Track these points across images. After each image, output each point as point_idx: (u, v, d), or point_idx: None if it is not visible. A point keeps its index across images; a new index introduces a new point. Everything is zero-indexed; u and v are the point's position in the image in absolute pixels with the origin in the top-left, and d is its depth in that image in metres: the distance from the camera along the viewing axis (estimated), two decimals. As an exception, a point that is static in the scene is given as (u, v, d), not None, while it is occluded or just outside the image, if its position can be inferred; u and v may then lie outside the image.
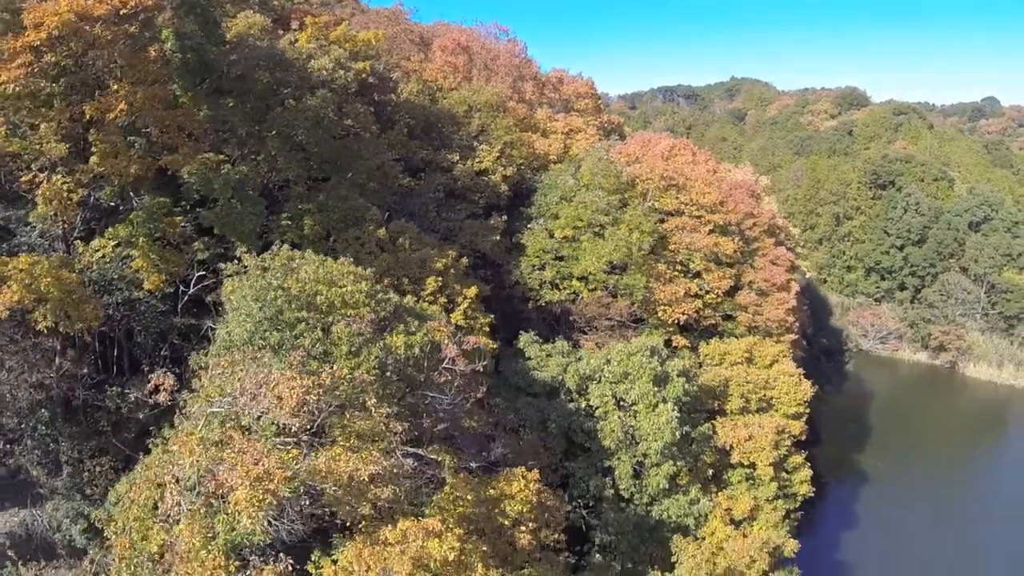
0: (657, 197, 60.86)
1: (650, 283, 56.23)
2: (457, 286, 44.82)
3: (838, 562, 63.93)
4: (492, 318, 46.48)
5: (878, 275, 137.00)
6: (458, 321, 41.90)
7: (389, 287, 36.17)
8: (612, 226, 56.13)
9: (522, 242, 57.95)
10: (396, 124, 55.83)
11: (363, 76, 51.54)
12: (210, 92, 41.49)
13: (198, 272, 38.88)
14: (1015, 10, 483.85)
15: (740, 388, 52.91)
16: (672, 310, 57.00)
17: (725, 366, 55.43)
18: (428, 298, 41.66)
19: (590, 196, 56.79)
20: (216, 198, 37.53)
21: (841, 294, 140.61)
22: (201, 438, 21.67)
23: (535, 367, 46.86)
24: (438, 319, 35.24)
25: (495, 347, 45.03)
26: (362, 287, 30.18)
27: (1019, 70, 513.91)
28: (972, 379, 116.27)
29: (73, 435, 34.12)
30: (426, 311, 36.75)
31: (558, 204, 58.50)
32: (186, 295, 38.95)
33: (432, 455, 27.56)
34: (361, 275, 31.09)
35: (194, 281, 38.89)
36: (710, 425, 49.55)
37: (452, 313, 42.29)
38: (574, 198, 57.68)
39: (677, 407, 43.29)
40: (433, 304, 40.78)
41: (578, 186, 58.53)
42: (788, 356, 59.52)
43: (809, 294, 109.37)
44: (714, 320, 60.51)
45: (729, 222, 62.76)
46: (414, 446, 27.06)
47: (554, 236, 57.77)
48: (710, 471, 48.91)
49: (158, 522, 21.71)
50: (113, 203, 36.84)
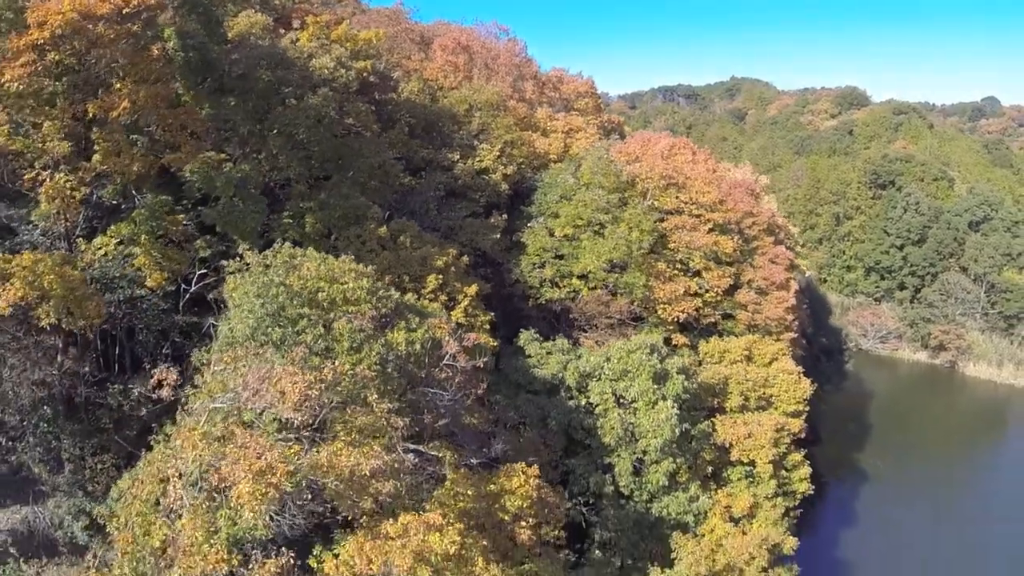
0: (657, 196, 60.96)
1: (650, 281, 56.38)
2: (458, 284, 44.97)
3: (837, 561, 63.93)
4: (492, 316, 46.59)
5: (878, 275, 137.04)
6: (459, 319, 41.97)
7: (390, 285, 36.26)
8: (612, 225, 56.27)
9: (522, 240, 58.14)
10: (397, 123, 55.97)
11: (364, 75, 51.75)
12: (212, 91, 41.69)
13: (200, 270, 39.03)
14: (1015, 10, 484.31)
15: (739, 386, 53.05)
16: (672, 308, 57.16)
17: (724, 364, 55.56)
18: (429, 296, 41.79)
19: (590, 195, 56.96)
20: (218, 196, 37.75)
21: (841, 294, 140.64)
22: (204, 433, 21.81)
23: (535, 364, 47.02)
24: (439, 316, 35.34)
25: (495, 344, 45.16)
26: (363, 284, 30.34)
27: (1019, 70, 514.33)
28: (972, 378, 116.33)
29: (75, 432, 34.17)
30: (427, 308, 36.87)
31: (558, 203, 58.67)
32: (188, 293, 39.08)
33: (433, 451, 27.74)
34: (362, 272, 31.24)
35: (196, 279, 39.04)
36: (710, 423, 49.74)
37: (453, 311, 42.39)
38: (574, 197, 57.85)
39: (677, 404, 43.43)
40: (434, 302, 40.90)
41: (578, 185, 58.68)
42: (787, 354, 59.69)
43: (809, 293, 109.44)
44: (714, 318, 60.66)
45: (729, 221, 62.90)
46: (415, 442, 27.23)
47: (554, 234, 57.93)
48: (710, 468, 49.10)
49: (161, 517, 21.80)
50: (115, 201, 37.03)
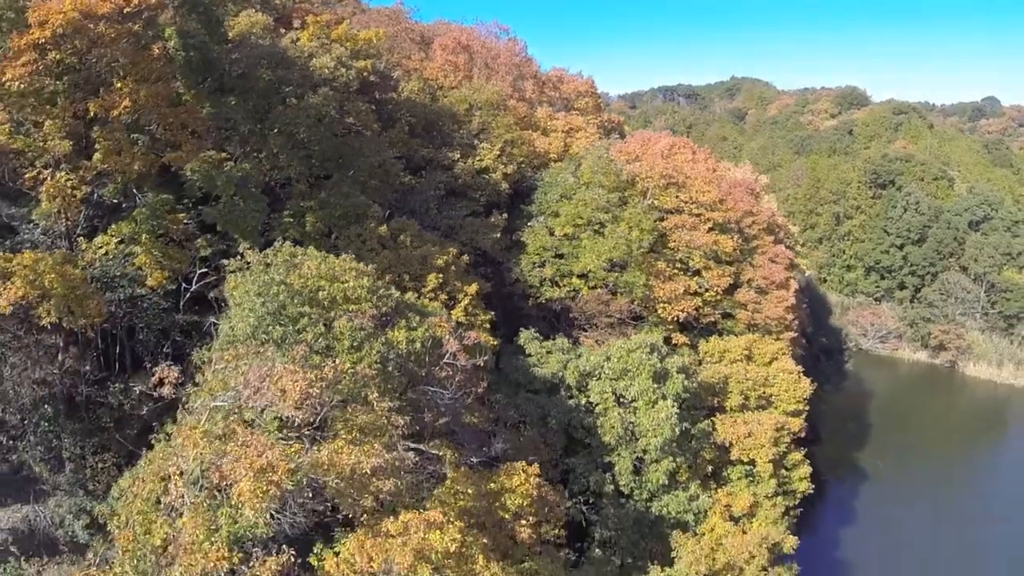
0: (657, 195, 61.00)
1: (650, 281, 56.42)
2: (458, 283, 45.04)
3: (837, 560, 63.93)
4: (492, 315, 46.67)
5: (878, 274, 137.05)
6: (459, 318, 42.05)
7: (390, 283, 36.30)
8: (612, 224, 56.31)
9: (522, 240, 58.18)
10: (397, 122, 56.03)
11: (364, 74, 51.84)
12: (213, 90, 41.76)
13: (200, 269, 39.10)
14: (1015, 10, 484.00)
15: (739, 385, 53.05)
16: (672, 307, 57.20)
17: (724, 363, 55.54)
18: (429, 295, 41.85)
19: (590, 194, 57.00)
20: (219, 195, 37.82)
21: (841, 293, 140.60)
22: (205, 431, 21.81)
23: (535, 364, 47.05)
24: (439, 315, 35.38)
25: (495, 344, 45.24)
26: (364, 283, 30.39)
27: (1019, 70, 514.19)
28: (972, 378, 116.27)
29: (75, 431, 34.22)
30: (427, 307, 36.90)
31: (558, 202, 58.70)
32: (188, 292, 39.14)
33: (433, 450, 27.80)
34: (363, 271, 31.29)
35: (196, 278, 39.10)
36: (710, 422, 49.74)
37: (453, 310, 42.46)
38: (574, 196, 57.89)
39: (677, 403, 43.45)
40: (434, 301, 40.97)
41: (578, 184, 58.72)
42: (787, 354, 59.69)
43: (809, 293, 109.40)
44: (713, 318, 60.69)
45: (728, 220, 62.94)
46: (415, 441, 27.27)
47: (554, 234, 57.96)
48: (709, 467, 49.11)
49: (162, 515, 21.78)
50: (116, 200, 37.13)
